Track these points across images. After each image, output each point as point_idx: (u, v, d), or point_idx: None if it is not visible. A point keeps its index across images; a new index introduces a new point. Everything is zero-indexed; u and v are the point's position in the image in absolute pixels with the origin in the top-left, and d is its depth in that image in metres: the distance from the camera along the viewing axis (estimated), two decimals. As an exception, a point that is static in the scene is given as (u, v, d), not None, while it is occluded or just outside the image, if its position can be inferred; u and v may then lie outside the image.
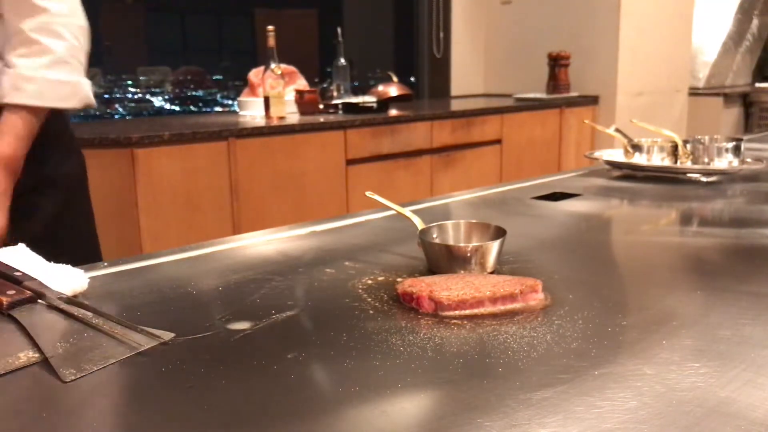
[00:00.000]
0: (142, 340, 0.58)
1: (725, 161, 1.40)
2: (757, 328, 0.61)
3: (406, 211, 0.87)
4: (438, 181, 3.02)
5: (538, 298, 0.68)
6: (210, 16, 3.41)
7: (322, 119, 2.68)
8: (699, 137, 1.43)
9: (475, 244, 0.79)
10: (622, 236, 1.05)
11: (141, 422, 0.47)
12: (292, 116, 2.77)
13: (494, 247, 0.78)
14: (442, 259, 0.77)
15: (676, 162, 1.43)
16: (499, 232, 0.81)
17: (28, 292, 0.66)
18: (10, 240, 1.03)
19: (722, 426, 0.44)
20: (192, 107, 3.77)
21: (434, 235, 0.83)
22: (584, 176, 1.47)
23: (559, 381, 0.51)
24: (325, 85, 3.50)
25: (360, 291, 0.73)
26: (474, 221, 0.86)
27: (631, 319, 0.64)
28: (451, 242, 0.83)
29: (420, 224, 0.84)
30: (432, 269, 0.79)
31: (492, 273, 0.77)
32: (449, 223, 0.85)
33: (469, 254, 0.76)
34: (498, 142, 3.28)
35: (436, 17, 3.94)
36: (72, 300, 0.66)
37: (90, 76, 1.15)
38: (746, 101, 4.52)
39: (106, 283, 0.77)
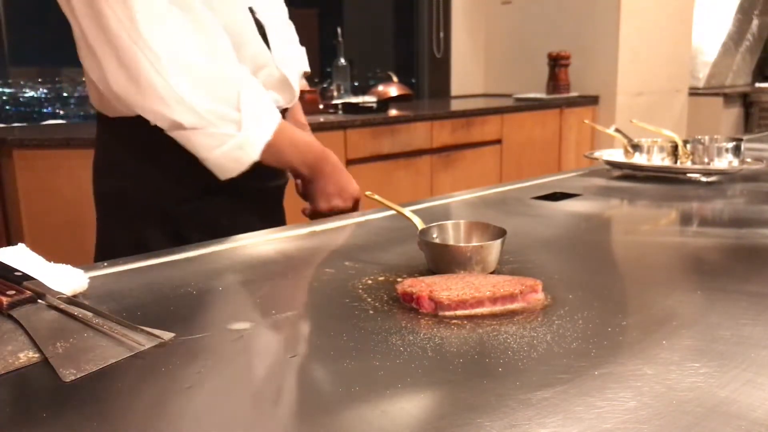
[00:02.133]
0: (142, 340, 0.58)
1: (725, 161, 1.40)
2: (757, 328, 0.61)
3: (406, 211, 0.87)
4: (438, 181, 3.02)
5: (538, 298, 0.68)
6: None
7: (322, 119, 2.68)
8: (699, 137, 1.43)
9: (474, 244, 0.79)
10: (622, 236, 1.05)
11: (141, 422, 0.47)
12: (292, 116, 2.77)
13: (494, 247, 0.78)
14: (442, 260, 0.78)
15: (676, 162, 1.43)
16: (499, 232, 0.81)
17: (28, 292, 0.66)
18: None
19: (722, 426, 0.44)
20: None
21: (434, 235, 0.83)
22: (584, 176, 1.47)
23: (559, 381, 0.51)
24: (325, 85, 3.50)
25: (360, 291, 0.73)
26: (474, 221, 0.86)
27: (631, 319, 0.64)
28: (451, 242, 0.83)
29: (420, 224, 0.84)
30: (432, 269, 0.79)
31: (492, 273, 0.77)
32: (449, 223, 0.85)
33: (469, 254, 0.76)
34: (498, 142, 3.28)
35: (436, 17, 3.94)
36: (72, 300, 0.66)
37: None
38: (746, 101, 4.52)
39: (106, 283, 0.77)
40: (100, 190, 1.12)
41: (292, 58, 1.18)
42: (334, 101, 3.07)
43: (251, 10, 1.05)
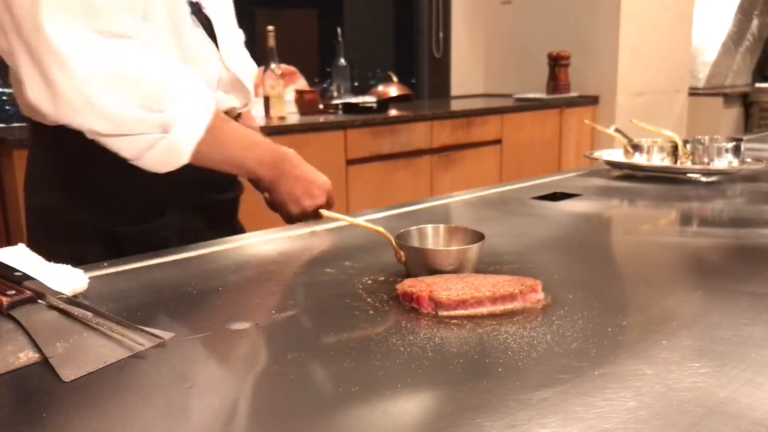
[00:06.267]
0: (142, 340, 0.58)
1: (725, 161, 1.40)
2: (757, 328, 0.61)
3: (360, 221, 0.80)
4: (438, 181, 3.02)
5: (538, 298, 0.68)
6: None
7: (322, 119, 2.68)
8: (699, 137, 1.43)
9: (451, 248, 0.79)
10: (622, 236, 1.05)
11: (141, 422, 0.47)
12: (292, 116, 2.77)
13: (470, 251, 0.76)
14: (417, 263, 0.76)
15: (676, 162, 1.43)
16: (477, 237, 0.79)
17: (28, 292, 0.66)
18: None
19: (722, 426, 0.44)
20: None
21: (412, 239, 0.81)
22: (584, 176, 1.47)
23: (559, 381, 0.51)
24: (325, 85, 3.50)
25: (360, 291, 0.73)
26: (454, 225, 0.83)
27: (631, 319, 0.64)
28: (429, 246, 0.81)
29: (386, 234, 0.78)
30: (410, 274, 0.77)
31: (492, 273, 0.77)
32: (428, 227, 0.83)
33: (442, 258, 0.74)
34: (498, 142, 3.28)
35: (436, 17, 3.93)
36: (72, 300, 0.66)
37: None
38: (746, 101, 4.52)
39: (106, 283, 0.77)
40: (32, 203, 1.03)
41: (243, 59, 1.10)
42: (334, 101, 3.07)
43: (197, 4, 0.96)
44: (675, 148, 1.44)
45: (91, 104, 0.82)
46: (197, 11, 0.96)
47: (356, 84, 3.68)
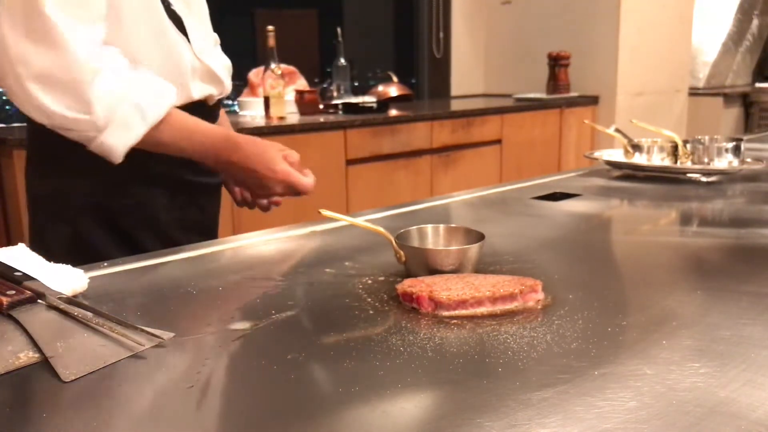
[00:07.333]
0: (142, 340, 0.58)
1: (725, 161, 1.40)
2: (757, 328, 0.61)
3: (360, 221, 0.81)
4: (438, 181, 3.02)
5: (538, 298, 0.68)
6: (210, 16, 3.41)
7: (322, 119, 2.68)
8: (699, 137, 1.43)
9: (451, 248, 0.79)
10: (622, 236, 1.05)
11: (141, 422, 0.47)
12: (292, 116, 2.77)
13: (470, 251, 0.76)
14: (417, 262, 0.76)
15: (676, 162, 1.43)
16: (477, 237, 0.79)
17: (28, 292, 0.66)
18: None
19: (722, 426, 0.44)
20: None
21: (412, 239, 0.81)
22: (584, 176, 1.47)
23: (559, 381, 0.51)
24: (325, 85, 3.50)
25: (360, 291, 0.73)
26: (455, 225, 0.83)
27: (631, 319, 0.64)
28: (429, 246, 0.81)
29: (386, 233, 0.78)
30: (410, 273, 0.77)
31: (492, 273, 0.77)
32: (428, 227, 0.83)
33: (442, 258, 0.75)
34: (498, 142, 3.28)
35: (436, 17, 3.93)
36: (72, 300, 0.66)
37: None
38: (746, 101, 4.52)
39: (106, 283, 0.77)
40: (38, 191, 1.10)
41: (217, 55, 1.18)
42: (334, 101, 3.07)
43: (166, 1, 1.04)
44: (675, 148, 1.44)
45: (29, 98, 0.92)
46: (167, 7, 1.04)
47: (356, 84, 3.69)
